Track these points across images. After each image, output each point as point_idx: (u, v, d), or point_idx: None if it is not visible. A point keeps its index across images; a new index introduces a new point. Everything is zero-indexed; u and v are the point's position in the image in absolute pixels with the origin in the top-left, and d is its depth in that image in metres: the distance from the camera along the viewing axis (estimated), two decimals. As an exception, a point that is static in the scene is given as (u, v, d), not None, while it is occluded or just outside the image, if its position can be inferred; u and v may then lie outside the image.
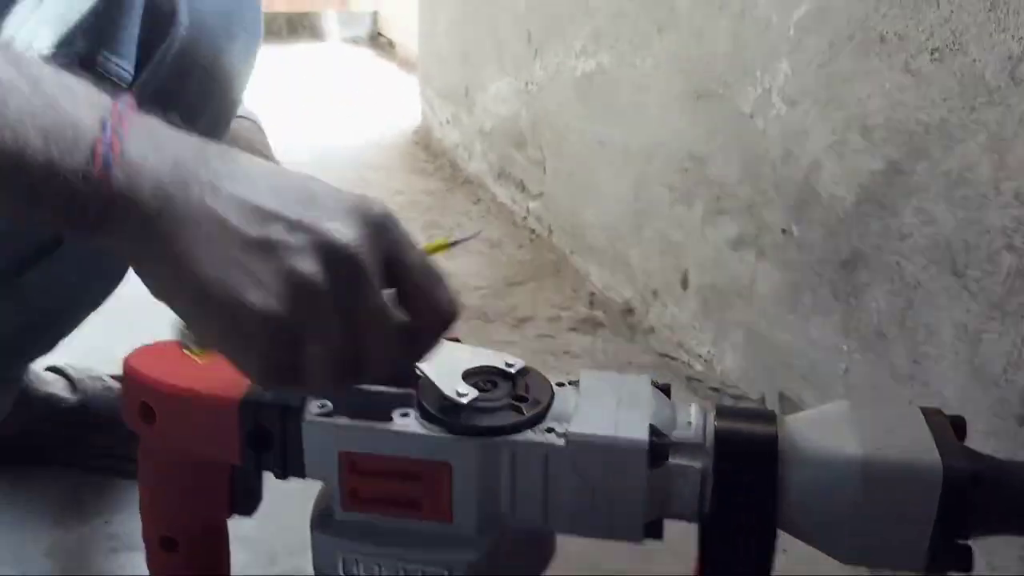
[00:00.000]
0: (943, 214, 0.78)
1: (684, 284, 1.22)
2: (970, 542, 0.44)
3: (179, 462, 0.57)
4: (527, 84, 1.65)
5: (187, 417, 0.53)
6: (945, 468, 0.43)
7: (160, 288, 0.41)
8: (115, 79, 0.70)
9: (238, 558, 0.82)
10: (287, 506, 0.88)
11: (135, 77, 0.68)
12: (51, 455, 0.93)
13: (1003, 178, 0.72)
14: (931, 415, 0.47)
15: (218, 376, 0.51)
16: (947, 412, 0.75)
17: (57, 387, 0.93)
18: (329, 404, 0.50)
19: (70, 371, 0.95)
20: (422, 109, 2.38)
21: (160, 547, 0.59)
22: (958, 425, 0.47)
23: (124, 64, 0.68)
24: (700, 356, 1.20)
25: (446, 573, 0.50)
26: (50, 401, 0.92)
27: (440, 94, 2.21)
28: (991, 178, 0.73)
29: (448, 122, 2.15)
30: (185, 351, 0.54)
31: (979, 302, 0.75)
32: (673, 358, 1.24)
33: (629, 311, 1.35)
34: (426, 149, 2.26)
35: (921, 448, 0.45)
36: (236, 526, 0.69)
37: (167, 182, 0.39)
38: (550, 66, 1.55)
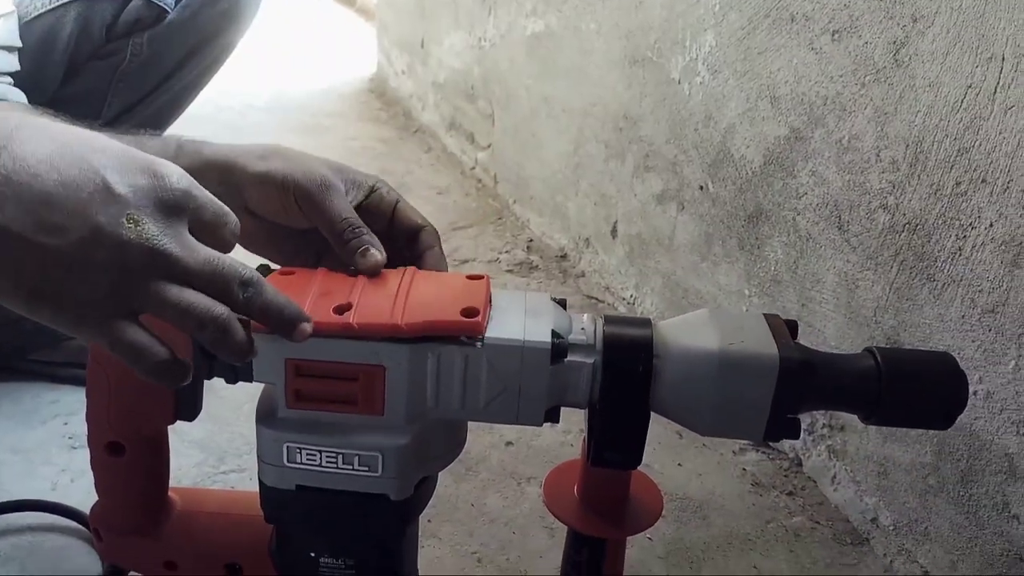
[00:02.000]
0: (833, 176, 0.88)
1: (613, 233, 1.31)
2: (799, 416, 0.55)
3: (128, 372, 0.60)
4: (480, 40, 1.72)
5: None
6: (781, 359, 0.54)
7: None
8: (160, 4, 0.89)
9: (192, 458, 0.92)
10: (235, 415, 0.98)
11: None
12: (15, 359, 1.00)
13: (883, 147, 0.82)
14: (771, 319, 0.57)
15: None
16: (825, 347, 0.87)
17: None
18: None
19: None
20: (378, 58, 2.42)
21: (106, 452, 0.64)
22: (792, 326, 0.57)
23: None
24: (624, 299, 1.30)
25: (379, 456, 0.58)
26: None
27: (396, 44, 2.26)
28: (874, 147, 0.83)
29: (403, 72, 2.20)
30: None
31: (858, 254, 0.86)
32: (600, 300, 1.34)
33: (563, 257, 1.44)
34: (381, 98, 2.31)
35: (763, 343, 0.55)
36: (189, 431, 0.78)
37: None
38: (502, 24, 1.62)
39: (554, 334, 0.56)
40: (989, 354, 0.73)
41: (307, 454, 0.58)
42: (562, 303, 0.61)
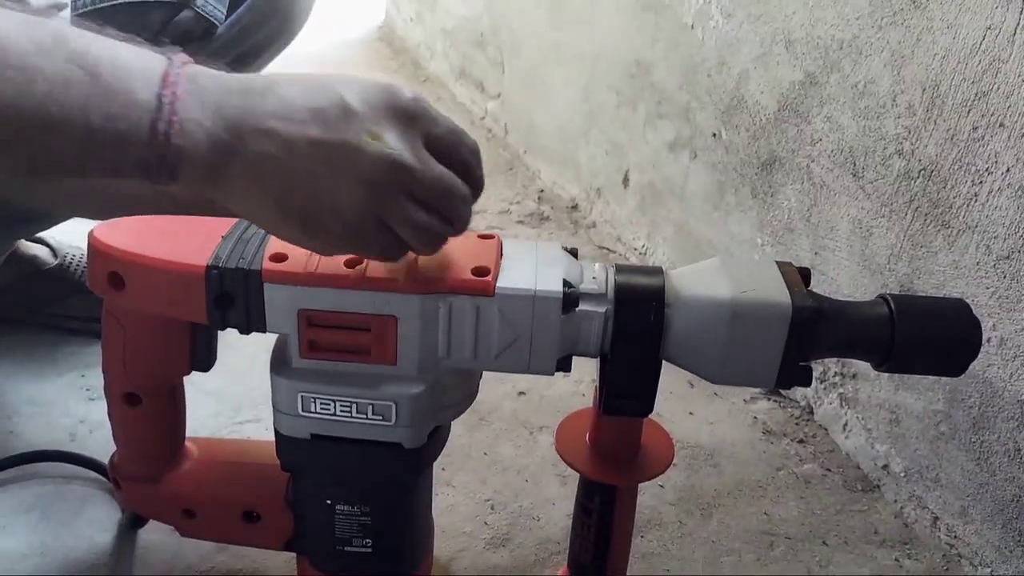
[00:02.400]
0: (848, 122, 0.87)
1: (625, 183, 1.30)
2: (811, 364, 0.56)
3: (143, 324, 0.62)
4: (489, -15, 1.69)
5: (157, 284, 0.58)
6: (793, 307, 0.54)
7: (263, 224, 0.50)
8: (210, 18, 0.87)
9: (208, 408, 0.93)
10: (251, 366, 0.98)
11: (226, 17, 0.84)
12: (32, 313, 1.01)
13: (899, 91, 0.81)
14: (784, 266, 0.57)
15: (182, 245, 0.57)
16: (838, 295, 0.87)
17: (40, 252, 1.01)
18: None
19: (52, 240, 1.02)
20: (386, 6, 2.39)
21: (123, 402, 0.65)
22: (805, 274, 0.57)
23: (219, 6, 0.84)
24: (636, 249, 1.29)
25: (393, 406, 0.59)
26: (34, 262, 1.00)
27: (405, -8, 2.23)
28: (890, 91, 0.82)
29: (411, 20, 2.17)
30: None
31: (872, 201, 0.85)
32: (611, 250, 1.33)
33: (574, 207, 1.44)
34: (390, 46, 2.29)
35: (775, 291, 0.55)
36: (205, 382, 0.78)
37: (222, 136, 0.45)
38: (511, -31, 1.59)
39: (566, 283, 0.56)
40: (1003, 301, 0.72)
41: (321, 403, 0.59)
42: (573, 252, 0.61)
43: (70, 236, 1.08)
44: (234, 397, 0.94)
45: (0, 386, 0.94)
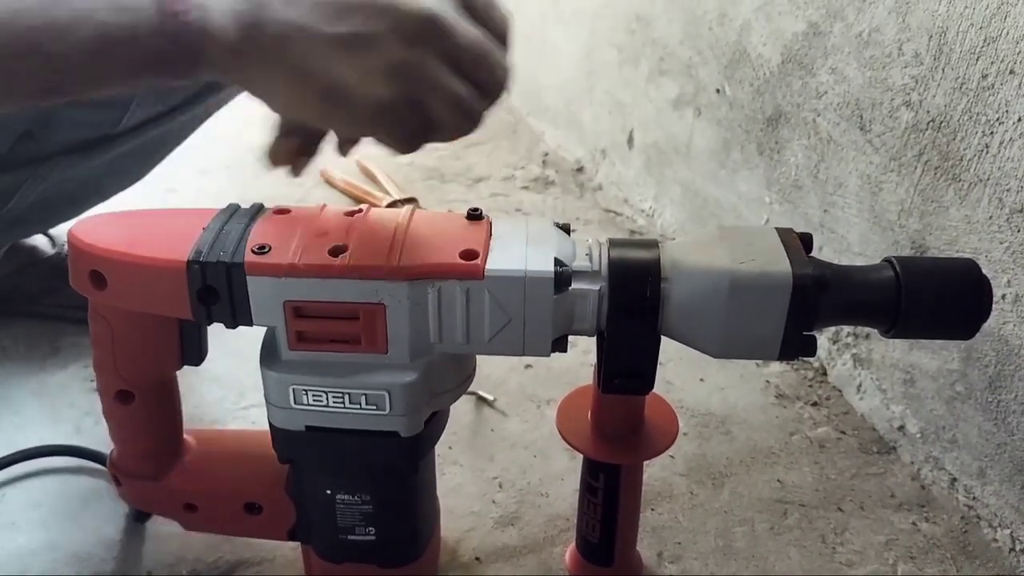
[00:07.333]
0: (854, 73, 0.83)
1: (630, 143, 1.27)
2: (815, 333, 0.54)
3: (130, 321, 0.61)
4: (485, -57, 1.64)
5: (138, 281, 0.56)
6: (794, 275, 0.51)
7: (281, 104, 0.46)
8: None
9: (213, 395, 0.92)
10: (253, 349, 0.97)
11: None
12: (31, 303, 1.01)
13: (905, 39, 0.77)
14: (784, 233, 0.55)
15: (162, 240, 0.56)
16: (848, 253, 0.84)
17: (39, 241, 1.00)
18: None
19: (50, 229, 1.01)
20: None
21: (116, 400, 0.65)
22: (807, 240, 0.55)
23: None
24: (643, 211, 1.27)
25: (386, 395, 0.57)
26: (33, 253, 0.99)
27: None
28: (895, 39, 0.78)
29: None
30: None
31: (880, 155, 0.82)
32: (618, 213, 1.31)
33: (579, 170, 1.41)
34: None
35: (775, 260, 0.52)
36: (209, 367, 0.78)
37: (241, 10, 0.43)
38: (506, -75, 1.54)
39: (557, 262, 0.54)
40: (1018, 256, 0.69)
41: (314, 395, 0.58)
42: (566, 228, 0.59)
43: (66, 225, 1.07)
44: (238, 381, 0.93)
45: (4, 380, 0.94)
